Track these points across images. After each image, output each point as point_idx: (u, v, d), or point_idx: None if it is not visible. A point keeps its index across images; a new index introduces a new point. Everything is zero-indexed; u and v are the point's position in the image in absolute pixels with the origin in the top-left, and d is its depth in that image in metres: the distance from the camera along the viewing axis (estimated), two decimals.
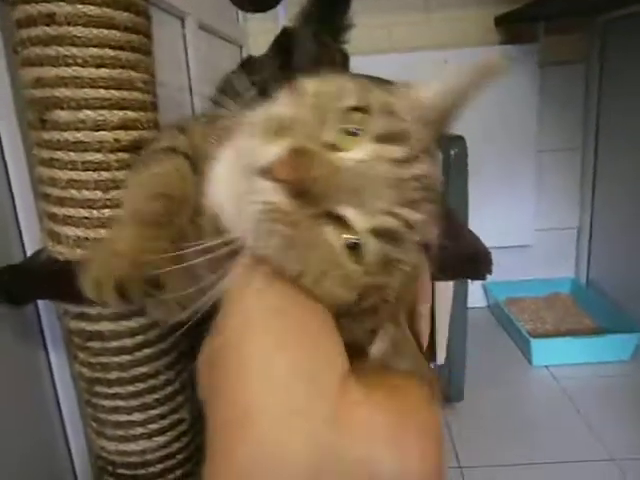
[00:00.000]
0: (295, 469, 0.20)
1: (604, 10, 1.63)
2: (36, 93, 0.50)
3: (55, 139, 0.51)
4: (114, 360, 0.58)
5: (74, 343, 0.60)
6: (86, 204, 0.52)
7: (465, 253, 0.49)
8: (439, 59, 1.72)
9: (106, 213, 0.52)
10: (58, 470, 0.72)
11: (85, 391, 0.62)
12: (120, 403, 0.60)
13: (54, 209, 0.53)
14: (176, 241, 0.36)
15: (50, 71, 0.49)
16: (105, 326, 0.57)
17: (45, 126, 0.51)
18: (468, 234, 0.55)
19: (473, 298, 1.93)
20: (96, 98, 0.50)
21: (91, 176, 0.51)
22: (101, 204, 0.52)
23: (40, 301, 0.66)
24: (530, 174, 1.83)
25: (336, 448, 0.21)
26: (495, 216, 1.78)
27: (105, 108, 0.51)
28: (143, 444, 0.61)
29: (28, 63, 0.50)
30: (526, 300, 1.91)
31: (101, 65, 0.50)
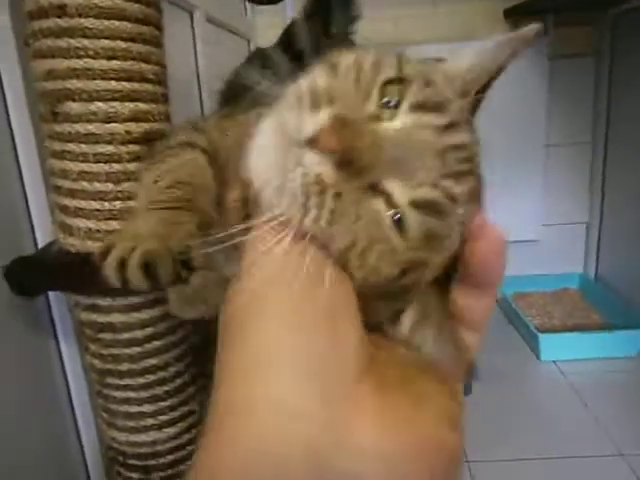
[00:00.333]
0: (288, 470, 0.19)
1: (614, 3, 1.61)
2: (48, 85, 0.51)
3: (67, 131, 0.51)
4: (125, 352, 0.58)
5: (85, 335, 0.60)
6: (97, 196, 0.52)
7: None
8: (446, 52, 1.70)
9: (117, 205, 0.53)
10: (69, 460, 0.73)
11: (96, 382, 0.62)
12: (131, 394, 0.60)
13: (65, 201, 0.53)
14: (202, 227, 0.35)
15: (62, 63, 0.49)
16: (116, 318, 0.57)
17: (57, 118, 0.51)
18: None
19: None
20: (107, 90, 0.50)
21: (102, 168, 0.51)
22: (112, 196, 0.52)
23: (51, 293, 0.67)
24: (538, 168, 1.82)
25: (332, 459, 0.19)
26: (503, 211, 1.75)
27: (116, 100, 0.51)
28: (153, 435, 0.62)
29: (40, 55, 0.50)
30: (534, 295, 1.91)
31: (112, 57, 0.50)
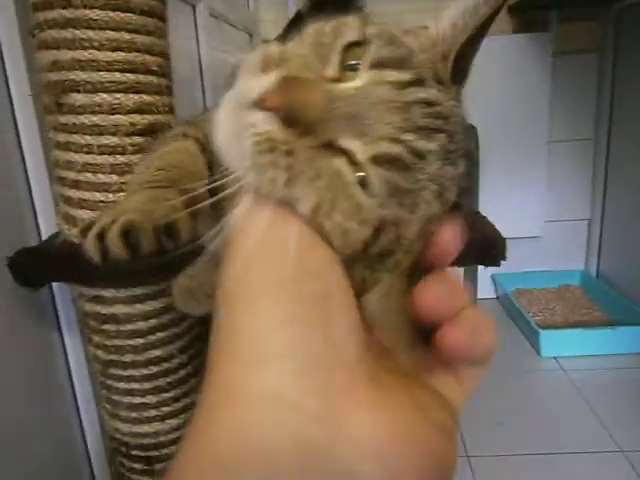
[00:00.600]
0: (278, 462, 0.19)
1: None
2: (52, 76, 0.51)
3: (71, 122, 0.51)
4: (128, 343, 0.59)
5: (89, 326, 0.60)
6: (101, 187, 0.52)
7: (480, 239, 0.49)
8: None
9: (121, 197, 0.53)
10: (72, 451, 0.74)
11: (99, 373, 0.63)
12: (134, 385, 0.60)
13: (70, 192, 0.54)
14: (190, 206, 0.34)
15: (66, 54, 0.49)
16: (120, 309, 0.57)
17: (61, 109, 0.51)
18: (482, 220, 0.54)
19: (482, 289, 1.94)
20: (112, 81, 0.50)
21: (107, 160, 0.52)
22: (116, 188, 0.52)
23: (55, 284, 0.67)
24: (541, 165, 1.82)
25: (323, 452, 0.19)
26: (505, 207, 1.77)
27: (121, 91, 0.51)
28: (156, 426, 0.62)
29: (44, 46, 0.50)
30: (535, 292, 1.91)
31: (117, 48, 0.50)
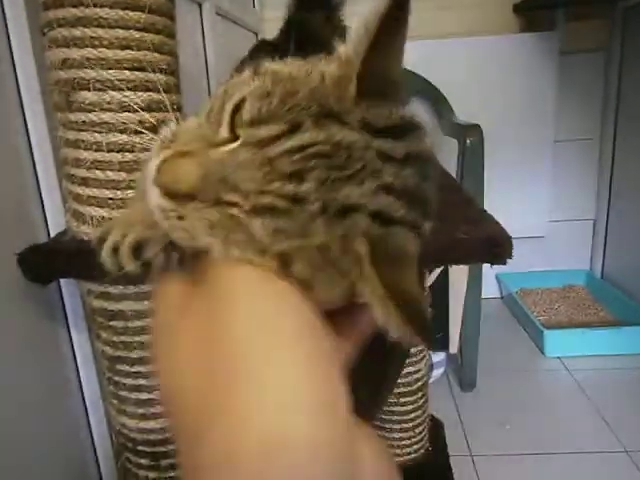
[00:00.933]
0: None
1: None
2: (62, 74, 0.51)
3: (81, 120, 0.51)
4: (136, 339, 0.59)
5: (97, 322, 0.61)
6: (110, 185, 0.53)
7: (486, 238, 0.49)
8: (456, 48, 1.70)
9: (130, 194, 0.53)
10: (79, 446, 0.74)
11: (107, 369, 0.63)
12: (141, 382, 0.61)
13: (79, 190, 0.54)
14: None
15: (76, 52, 0.50)
16: (128, 305, 0.58)
17: (71, 107, 0.51)
18: (489, 219, 0.55)
19: (487, 289, 1.93)
20: (121, 79, 0.51)
21: (115, 157, 0.52)
22: (125, 185, 0.53)
23: (63, 280, 0.68)
24: (546, 164, 1.81)
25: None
26: (510, 206, 1.76)
27: (130, 89, 0.51)
28: (163, 422, 0.63)
29: (55, 44, 0.51)
30: (540, 292, 1.90)
31: (126, 47, 0.50)
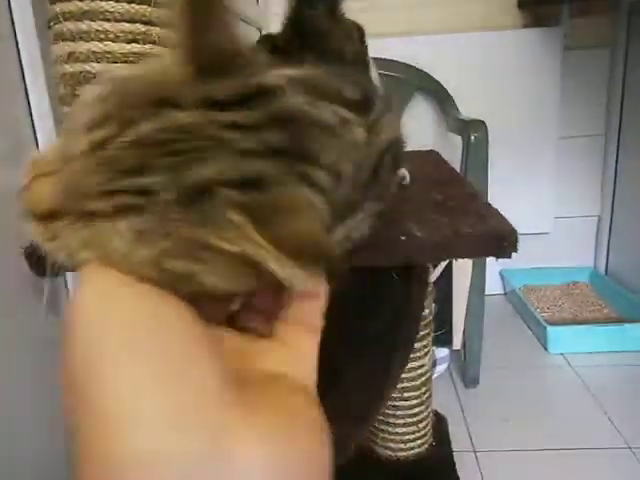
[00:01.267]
0: None
1: None
2: (68, 68, 0.51)
3: None
4: None
5: None
6: None
7: (491, 231, 0.49)
8: (460, 43, 1.69)
9: None
10: None
11: None
12: None
13: None
14: None
15: (82, 46, 0.50)
16: None
17: None
18: (494, 212, 0.55)
19: (489, 285, 1.93)
20: None
21: None
22: None
23: (69, 273, 0.68)
24: (551, 160, 1.81)
25: None
26: (514, 203, 1.75)
27: None
28: None
29: (61, 38, 0.51)
30: (543, 288, 1.90)
31: (132, 40, 0.50)
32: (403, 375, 0.83)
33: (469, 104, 1.58)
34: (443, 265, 1.16)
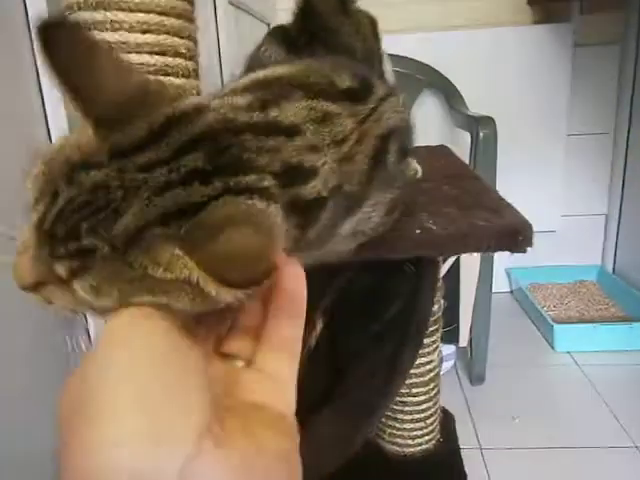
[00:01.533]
0: None
1: None
2: None
3: None
4: None
5: None
6: None
7: (507, 225, 0.49)
8: (469, 39, 1.68)
9: None
10: None
11: None
12: None
13: None
14: None
15: (97, 36, 0.50)
16: None
17: None
18: (508, 207, 0.54)
19: (496, 283, 1.92)
20: (142, 64, 0.50)
21: None
22: None
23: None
24: (559, 158, 1.80)
25: None
26: (521, 200, 1.74)
27: (150, 74, 0.51)
28: None
29: None
30: (550, 286, 1.89)
31: (147, 31, 0.50)
32: (412, 371, 0.83)
33: (478, 100, 1.57)
34: (451, 261, 1.15)
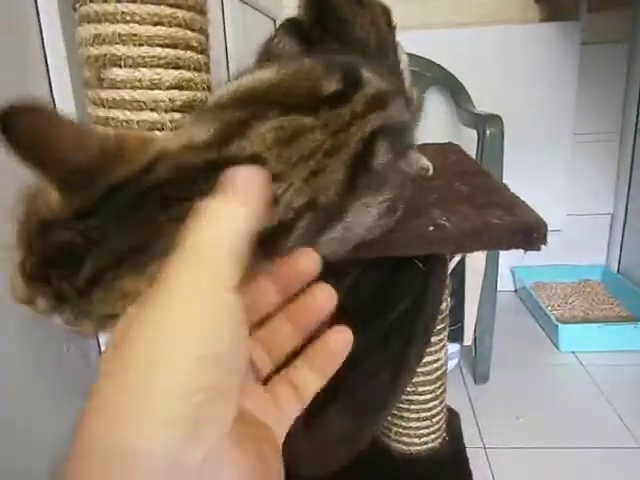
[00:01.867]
0: None
1: None
2: (93, 50, 0.51)
3: (111, 98, 0.51)
4: None
5: None
6: None
7: (522, 223, 0.48)
8: (476, 37, 1.67)
9: None
10: None
11: None
12: None
13: None
14: None
15: (108, 27, 0.49)
16: None
17: (102, 84, 0.51)
18: (521, 205, 0.54)
19: (500, 282, 1.92)
20: (153, 56, 0.50)
21: None
22: None
23: None
24: (565, 157, 1.79)
25: None
26: (526, 198, 1.74)
27: (161, 67, 0.50)
28: None
29: (86, 19, 0.50)
30: (555, 286, 1.89)
31: (158, 23, 0.50)
32: (419, 369, 0.83)
33: (484, 98, 1.56)
34: (456, 259, 1.15)
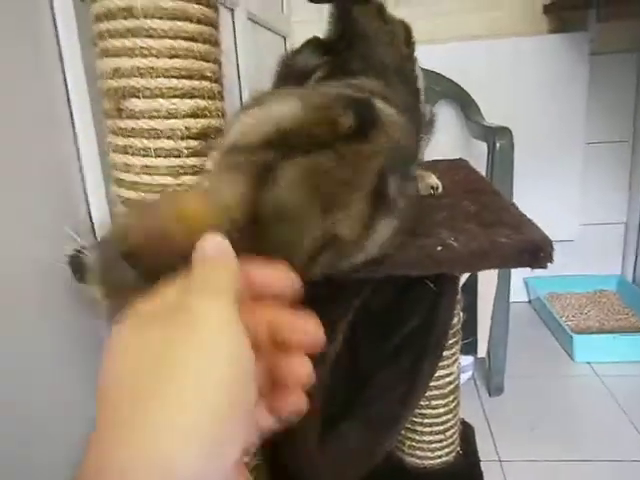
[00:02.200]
0: None
1: None
2: (113, 83, 0.53)
3: (130, 127, 0.53)
4: None
5: None
6: (158, 189, 0.54)
7: (528, 242, 0.49)
8: (485, 50, 1.69)
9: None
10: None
11: None
12: None
13: (128, 194, 0.56)
14: None
15: (127, 62, 0.52)
16: None
17: (121, 115, 0.53)
18: (528, 223, 0.55)
19: (514, 293, 1.91)
20: (169, 87, 0.52)
21: (163, 162, 0.54)
22: (172, 189, 0.55)
23: None
24: (577, 166, 1.78)
25: None
26: (539, 210, 1.73)
27: (177, 97, 0.53)
28: None
29: (106, 54, 0.53)
30: (569, 296, 1.87)
31: (175, 56, 0.52)
32: (431, 383, 0.83)
33: (494, 110, 1.57)
34: (467, 273, 1.15)
